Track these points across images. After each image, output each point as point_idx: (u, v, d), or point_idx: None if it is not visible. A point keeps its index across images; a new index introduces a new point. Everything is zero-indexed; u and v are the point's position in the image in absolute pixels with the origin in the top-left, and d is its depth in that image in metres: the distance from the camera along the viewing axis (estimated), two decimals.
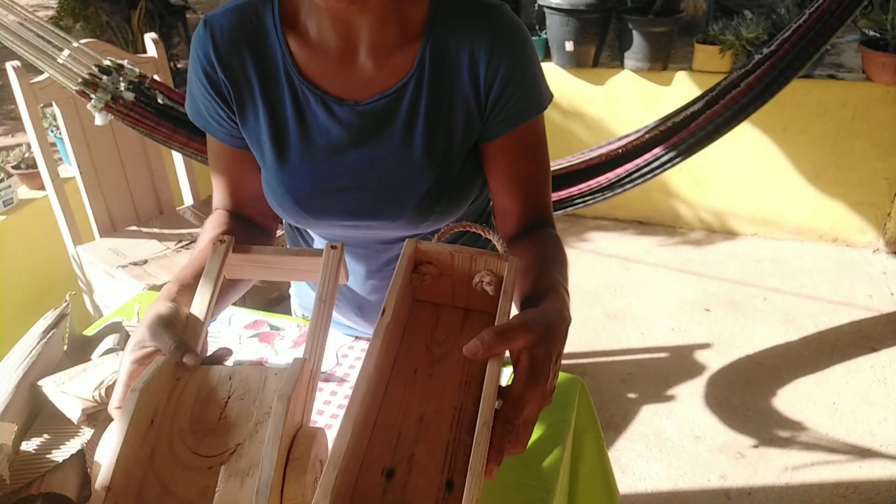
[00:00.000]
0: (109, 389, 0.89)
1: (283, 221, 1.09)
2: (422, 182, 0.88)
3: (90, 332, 1.13)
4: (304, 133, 0.88)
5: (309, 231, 1.04)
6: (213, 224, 0.94)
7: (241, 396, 0.68)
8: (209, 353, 0.75)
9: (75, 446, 0.87)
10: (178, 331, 0.71)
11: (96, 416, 0.89)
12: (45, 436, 0.91)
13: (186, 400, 0.67)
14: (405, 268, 0.72)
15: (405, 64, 0.85)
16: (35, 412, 0.95)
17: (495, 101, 0.86)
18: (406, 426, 0.64)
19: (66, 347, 1.04)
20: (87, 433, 0.89)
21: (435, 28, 0.84)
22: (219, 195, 1.00)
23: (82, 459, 0.83)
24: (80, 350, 1.06)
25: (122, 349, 1.06)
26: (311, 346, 0.72)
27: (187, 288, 0.79)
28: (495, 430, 0.58)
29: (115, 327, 1.12)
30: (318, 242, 1.03)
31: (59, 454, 0.88)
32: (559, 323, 0.68)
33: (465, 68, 0.85)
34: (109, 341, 1.07)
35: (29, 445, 0.90)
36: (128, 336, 1.12)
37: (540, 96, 0.89)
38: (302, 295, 1.18)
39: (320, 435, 0.67)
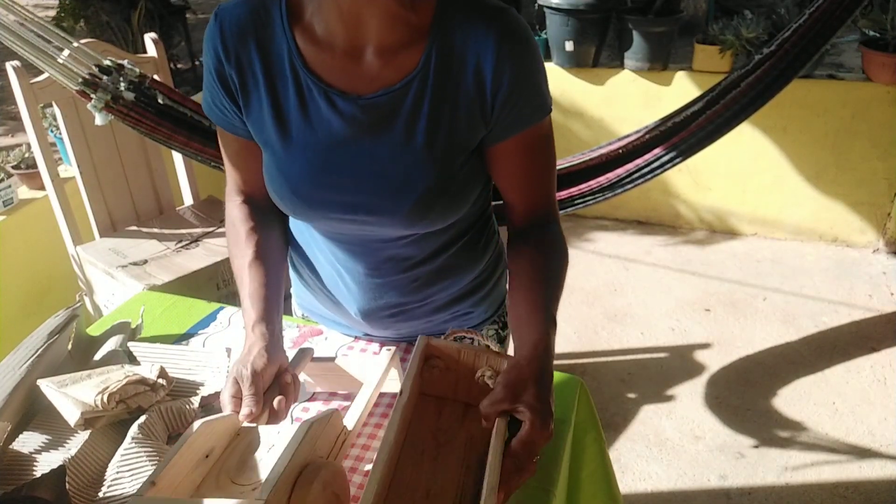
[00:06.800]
0: (112, 397, 0.89)
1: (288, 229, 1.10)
2: (421, 179, 0.88)
3: (94, 331, 1.13)
4: (306, 124, 0.89)
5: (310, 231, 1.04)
6: (241, 218, 1.01)
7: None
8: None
9: (58, 460, 0.86)
10: (262, 385, 0.84)
11: (94, 422, 0.89)
12: (38, 436, 0.91)
13: (239, 448, 0.80)
14: (419, 360, 0.84)
15: (410, 62, 0.86)
16: (33, 412, 0.95)
17: (502, 105, 0.87)
18: (415, 499, 0.74)
19: (70, 346, 1.04)
20: (75, 445, 0.88)
21: (442, 28, 0.85)
22: (232, 183, 1.04)
23: (62, 476, 0.82)
24: (85, 350, 1.06)
25: (126, 350, 1.06)
26: (353, 412, 0.85)
27: (274, 322, 0.92)
28: (505, 468, 0.71)
29: (122, 328, 1.12)
30: (320, 241, 1.03)
31: (49, 457, 0.87)
32: (548, 362, 0.80)
33: (471, 70, 0.85)
34: (113, 342, 1.07)
35: (19, 445, 0.90)
36: (133, 334, 1.12)
37: (545, 100, 0.91)
38: (302, 295, 1.18)
39: (337, 469, 0.75)
